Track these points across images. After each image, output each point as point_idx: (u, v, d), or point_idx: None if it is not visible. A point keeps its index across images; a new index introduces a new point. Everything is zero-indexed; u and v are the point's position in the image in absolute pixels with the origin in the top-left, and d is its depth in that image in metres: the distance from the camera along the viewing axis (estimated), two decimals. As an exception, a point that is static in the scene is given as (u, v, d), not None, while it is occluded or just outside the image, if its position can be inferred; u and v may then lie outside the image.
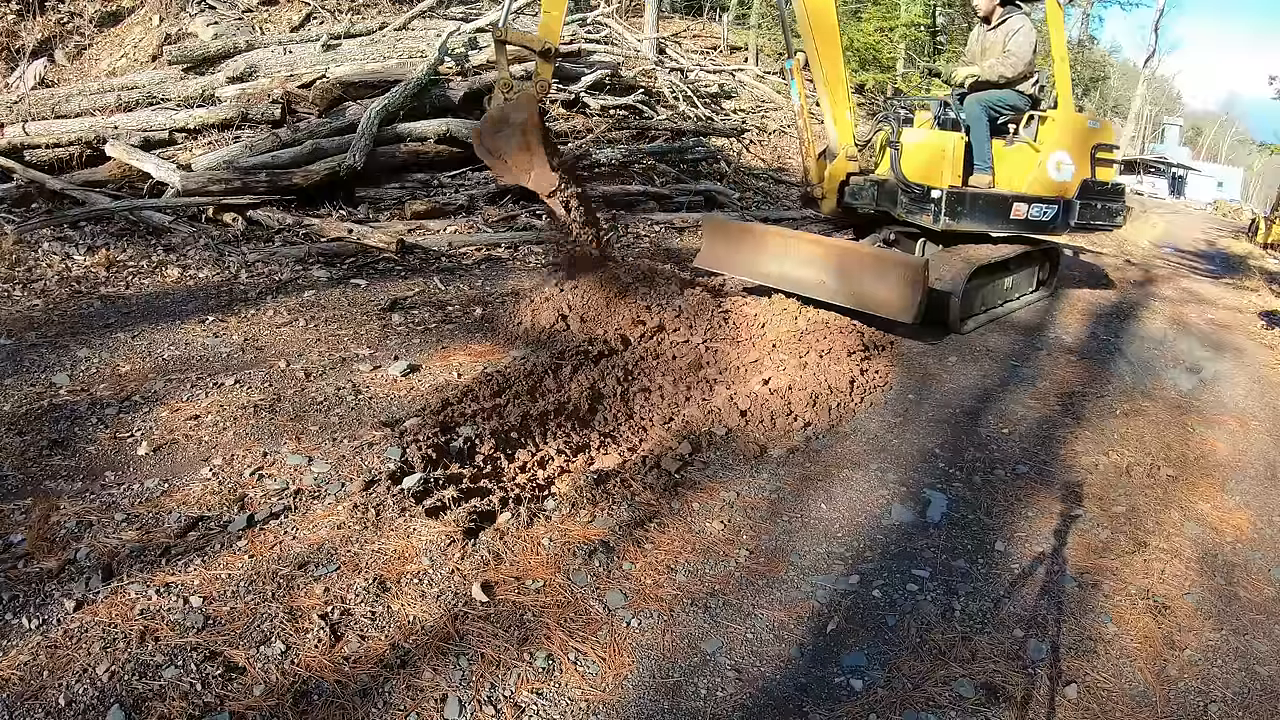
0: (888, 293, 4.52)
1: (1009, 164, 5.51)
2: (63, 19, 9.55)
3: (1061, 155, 5.61)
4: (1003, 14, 5.52)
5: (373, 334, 4.48)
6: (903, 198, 5.22)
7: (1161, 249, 12.34)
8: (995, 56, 5.46)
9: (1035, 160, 5.53)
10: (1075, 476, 3.55)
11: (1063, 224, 5.74)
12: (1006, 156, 5.51)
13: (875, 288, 4.58)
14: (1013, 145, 5.54)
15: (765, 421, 3.73)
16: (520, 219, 7.77)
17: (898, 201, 5.25)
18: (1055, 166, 5.58)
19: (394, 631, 2.22)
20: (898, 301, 4.48)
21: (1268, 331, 6.47)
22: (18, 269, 4.98)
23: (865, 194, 5.43)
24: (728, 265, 5.37)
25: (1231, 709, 2.30)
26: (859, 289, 4.63)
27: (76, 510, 2.59)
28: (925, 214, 5.14)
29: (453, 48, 9.37)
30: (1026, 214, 5.50)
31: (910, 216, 5.23)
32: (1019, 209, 5.46)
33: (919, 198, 5.15)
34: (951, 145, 5.22)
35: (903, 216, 5.27)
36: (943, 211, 5.09)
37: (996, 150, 5.48)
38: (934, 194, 5.10)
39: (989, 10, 5.55)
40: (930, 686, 2.24)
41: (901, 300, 4.46)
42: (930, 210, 5.11)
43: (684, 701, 2.12)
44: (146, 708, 1.89)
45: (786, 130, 14.19)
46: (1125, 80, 46.90)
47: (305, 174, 7.04)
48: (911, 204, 5.20)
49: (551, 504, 2.94)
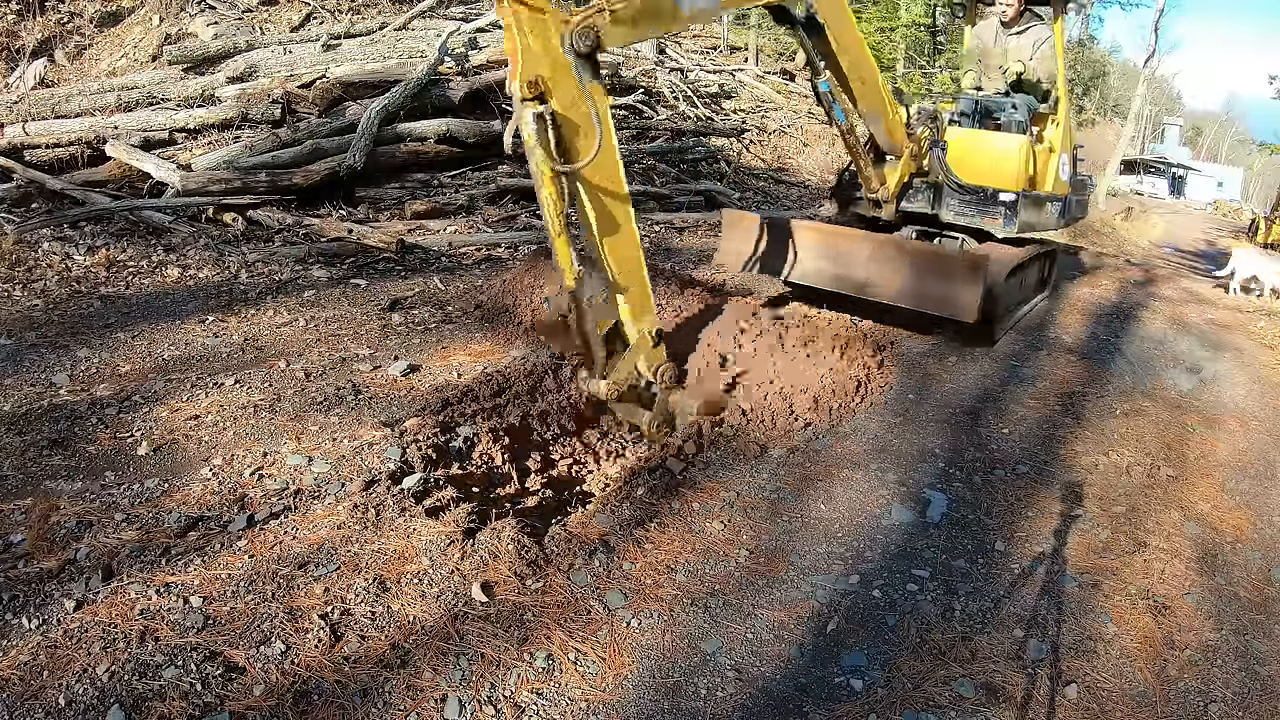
0: (953, 292, 4.32)
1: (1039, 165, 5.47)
2: (63, 19, 9.55)
3: (1065, 156, 5.71)
4: (1026, 21, 5.49)
5: (373, 334, 4.47)
6: (952, 200, 5.02)
7: (1162, 249, 12.36)
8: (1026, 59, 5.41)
9: (1050, 160, 5.56)
10: (1075, 476, 3.54)
11: (1062, 219, 5.83)
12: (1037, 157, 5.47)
13: (938, 287, 4.36)
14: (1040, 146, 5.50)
15: (766, 421, 3.73)
16: (520, 219, 7.77)
17: (944, 204, 5.07)
18: (1060, 166, 5.66)
19: (394, 631, 2.22)
20: (964, 301, 4.27)
21: (1266, 331, 6.48)
22: (18, 269, 4.98)
23: (922, 196, 5.22)
24: (757, 263, 5.02)
25: (1231, 709, 2.30)
26: (919, 289, 4.41)
27: (76, 510, 2.59)
28: (992, 217, 4.94)
29: (453, 48, 9.37)
30: (1050, 212, 5.55)
31: (966, 220, 5.04)
32: (1049, 208, 5.50)
33: (983, 201, 4.95)
34: (1025, 147, 5.04)
35: (949, 219, 5.10)
36: (1015, 215, 4.90)
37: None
38: (1003, 197, 4.90)
39: (1015, 15, 5.48)
40: (930, 686, 2.24)
41: (968, 299, 4.26)
42: (998, 214, 4.91)
43: (684, 701, 2.12)
44: (146, 708, 1.89)
45: (786, 130, 14.20)
46: (1125, 80, 46.89)
47: (305, 174, 7.04)
48: (965, 207, 5.00)
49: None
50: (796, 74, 17.98)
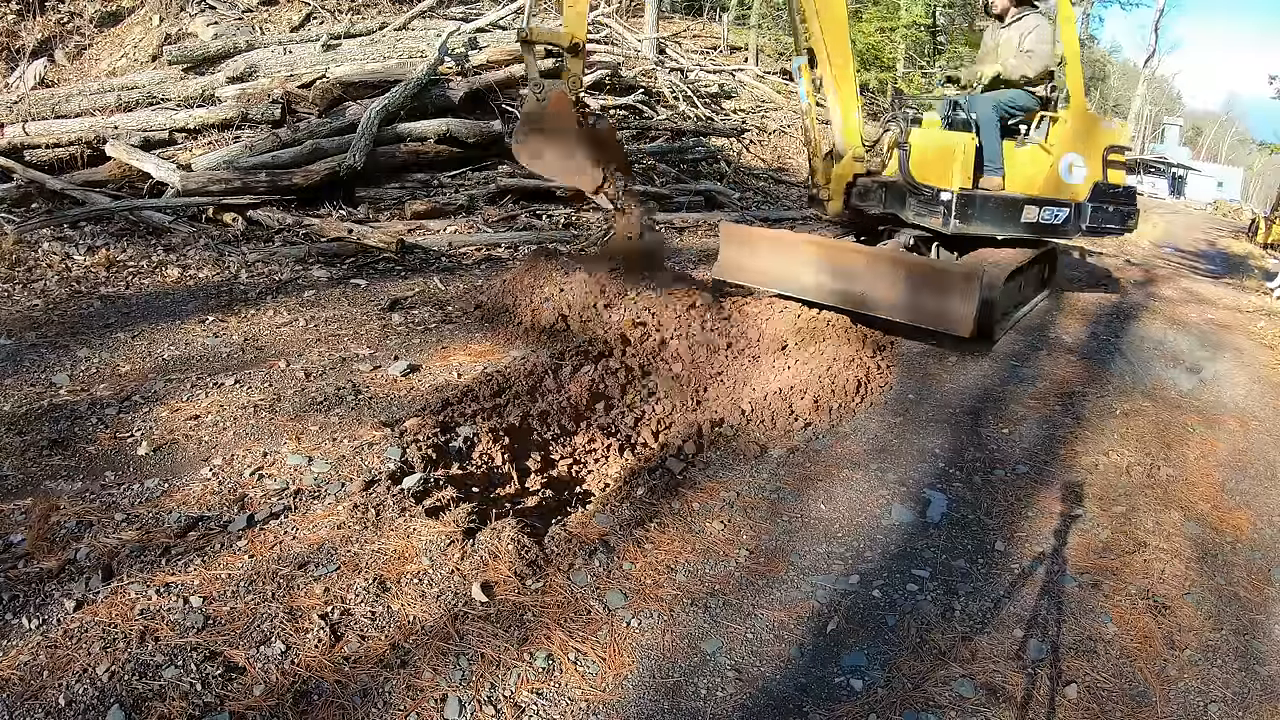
0: (947, 306, 4.33)
1: (1020, 165, 5.38)
2: (63, 19, 9.55)
3: (1073, 157, 5.48)
4: (1017, 12, 5.43)
5: (373, 334, 4.48)
6: (911, 200, 5.12)
7: (1162, 249, 12.34)
8: (1010, 55, 5.35)
9: (1047, 162, 5.42)
10: (1075, 476, 3.54)
11: (1074, 227, 5.58)
12: (1018, 158, 5.38)
13: (932, 301, 4.38)
14: (1024, 146, 5.41)
15: (766, 421, 3.74)
16: (520, 219, 7.77)
17: (906, 204, 5.15)
18: (1067, 168, 5.45)
19: (394, 631, 2.22)
20: (959, 315, 4.29)
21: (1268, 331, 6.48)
22: (18, 269, 4.98)
23: (873, 196, 5.30)
24: (754, 276, 5.08)
25: (1231, 709, 2.30)
26: (914, 302, 4.44)
27: (76, 510, 2.59)
28: (935, 216, 5.05)
29: (453, 48, 9.37)
30: (1038, 216, 5.38)
31: (919, 219, 5.13)
32: (1030, 211, 5.33)
33: (928, 200, 5.05)
34: (961, 146, 5.11)
35: (910, 219, 5.17)
36: (952, 214, 4.99)
37: (1008, 151, 5.34)
38: (943, 196, 5.00)
39: (1004, 8, 5.46)
40: (930, 686, 2.24)
41: (964, 313, 4.28)
42: (939, 212, 5.02)
43: (684, 701, 2.12)
44: (146, 708, 1.89)
45: (786, 130, 14.20)
46: (1125, 80, 46.90)
47: (305, 174, 7.04)
48: (920, 206, 5.09)
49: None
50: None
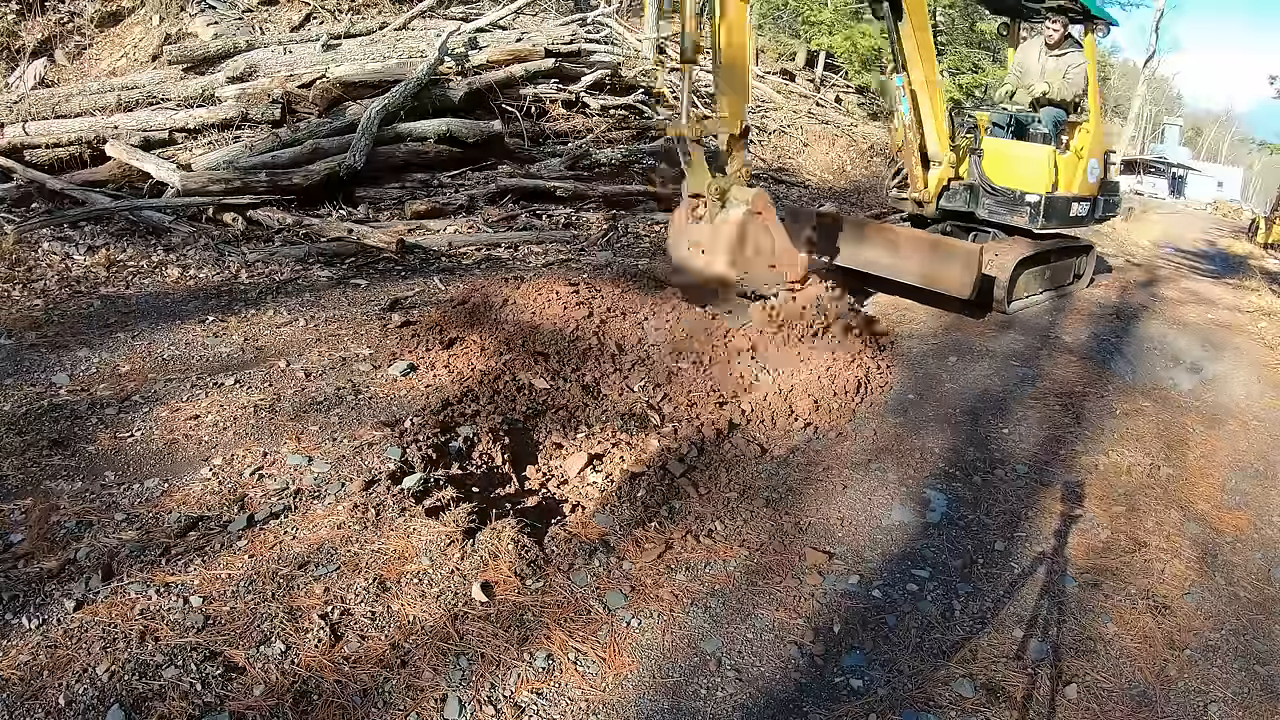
0: (950, 272, 5.20)
1: (1065, 170, 6.26)
2: (63, 19, 9.54)
3: (1094, 161, 6.48)
4: (1066, 46, 6.32)
5: (373, 334, 4.47)
6: (987, 200, 6.00)
7: (1162, 249, 12.32)
8: (1058, 80, 6.23)
9: (1079, 166, 6.33)
10: (1075, 476, 3.55)
11: (1091, 218, 6.61)
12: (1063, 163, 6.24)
13: (939, 268, 5.28)
14: (1066, 154, 6.26)
15: (767, 421, 3.74)
16: (520, 219, 7.76)
17: (980, 204, 6.02)
18: (1089, 170, 6.43)
19: (394, 631, 2.22)
20: (959, 280, 5.15)
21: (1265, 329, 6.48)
22: (18, 269, 4.97)
23: (959, 197, 6.19)
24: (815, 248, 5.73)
25: (1231, 709, 2.30)
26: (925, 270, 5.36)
27: (76, 510, 2.59)
28: (1019, 216, 5.90)
29: (453, 47, 9.36)
30: (1076, 211, 6.32)
31: (997, 218, 5.99)
32: (1075, 207, 6.28)
33: (1011, 201, 5.91)
34: (1048, 156, 5.93)
35: (984, 217, 6.05)
36: (1040, 214, 5.85)
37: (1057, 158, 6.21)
38: (1029, 198, 5.86)
39: (1059, 40, 6.27)
40: (930, 686, 2.24)
41: (963, 278, 5.13)
42: (1024, 212, 5.88)
43: (684, 701, 2.12)
44: (146, 707, 1.89)
45: (786, 130, 14.18)
46: (1125, 80, 46.83)
47: (305, 174, 7.03)
48: (998, 207, 5.96)
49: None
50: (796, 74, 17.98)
